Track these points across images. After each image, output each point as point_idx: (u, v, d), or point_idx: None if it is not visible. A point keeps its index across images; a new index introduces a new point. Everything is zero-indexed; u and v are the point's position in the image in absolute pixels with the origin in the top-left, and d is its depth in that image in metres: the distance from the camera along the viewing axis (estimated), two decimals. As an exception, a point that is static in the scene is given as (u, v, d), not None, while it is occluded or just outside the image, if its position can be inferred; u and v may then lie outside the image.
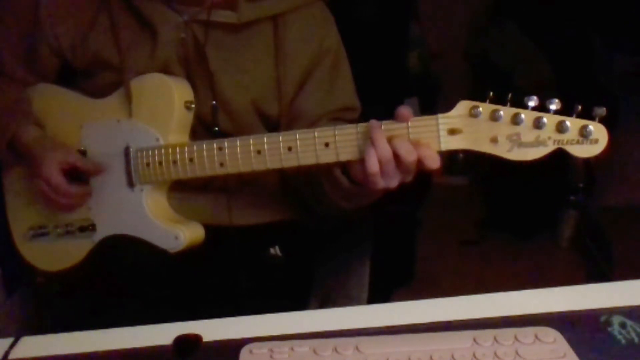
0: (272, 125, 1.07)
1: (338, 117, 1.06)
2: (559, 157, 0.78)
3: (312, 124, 1.03)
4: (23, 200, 1.11)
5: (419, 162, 0.82)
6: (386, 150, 0.82)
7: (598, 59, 2.41)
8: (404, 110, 0.83)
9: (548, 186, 2.36)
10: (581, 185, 2.43)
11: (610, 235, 2.38)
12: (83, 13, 1.06)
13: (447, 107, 0.82)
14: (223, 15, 1.01)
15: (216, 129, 1.04)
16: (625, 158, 2.43)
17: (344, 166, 0.90)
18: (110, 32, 1.04)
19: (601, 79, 2.38)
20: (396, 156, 0.82)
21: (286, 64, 1.04)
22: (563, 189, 2.44)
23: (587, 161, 2.39)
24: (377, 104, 0.95)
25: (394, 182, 0.85)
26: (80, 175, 1.04)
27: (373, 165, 0.82)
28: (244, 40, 1.04)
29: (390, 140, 0.82)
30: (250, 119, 1.07)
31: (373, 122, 0.84)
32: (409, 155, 0.81)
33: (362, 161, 0.84)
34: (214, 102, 1.04)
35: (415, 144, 0.82)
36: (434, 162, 0.82)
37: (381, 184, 0.84)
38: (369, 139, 0.83)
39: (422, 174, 0.84)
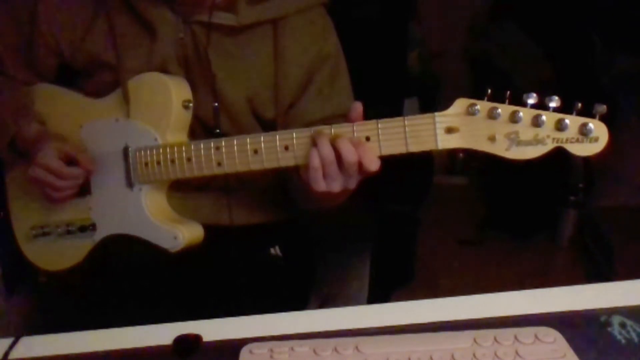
0: (269, 129, 1.07)
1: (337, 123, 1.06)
2: (559, 156, 0.78)
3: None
4: (25, 200, 1.12)
5: (360, 164, 0.84)
6: (330, 153, 0.84)
7: (598, 59, 2.41)
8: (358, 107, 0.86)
9: (548, 186, 2.36)
10: (581, 185, 2.43)
11: (610, 235, 2.38)
12: (81, 13, 1.06)
13: (447, 107, 0.81)
14: (223, 18, 1.01)
15: (217, 130, 1.04)
16: (625, 158, 2.43)
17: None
18: (108, 33, 1.04)
19: (601, 79, 2.38)
20: (338, 156, 0.84)
21: (285, 68, 1.04)
22: (563, 189, 2.44)
23: (587, 161, 2.39)
24: (377, 104, 0.95)
25: (335, 186, 0.86)
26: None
27: (314, 161, 0.85)
28: (244, 43, 1.04)
29: (333, 141, 0.84)
30: (249, 121, 1.07)
31: (318, 128, 0.87)
32: (350, 155, 0.83)
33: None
34: (216, 104, 1.04)
35: (356, 144, 0.84)
36: (372, 164, 0.84)
37: (322, 184, 0.86)
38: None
39: (420, 173, 0.84)
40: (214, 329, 0.80)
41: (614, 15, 2.33)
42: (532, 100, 0.76)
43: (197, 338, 0.79)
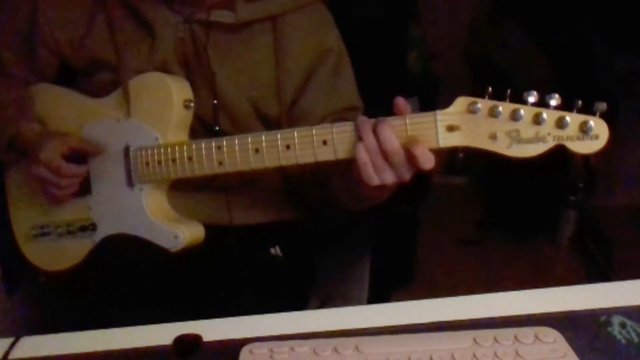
0: (273, 127, 1.07)
1: (341, 118, 1.06)
2: (560, 156, 0.78)
3: (316, 124, 1.02)
4: (25, 199, 1.12)
5: (413, 160, 0.81)
6: (372, 142, 0.81)
7: (598, 59, 2.41)
8: (401, 101, 0.82)
9: (548, 186, 2.36)
10: (581, 185, 2.43)
11: (610, 235, 2.38)
12: (81, 13, 1.06)
13: (448, 106, 0.81)
14: (221, 15, 1.01)
15: (217, 128, 1.04)
16: (625, 158, 2.43)
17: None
18: (107, 32, 1.04)
19: (601, 79, 2.38)
20: (381, 146, 0.81)
21: (285, 65, 1.04)
22: (563, 189, 2.44)
23: (587, 161, 2.39)
24: (377, 104, 0.94)
25: (388, 177, 0.83)
26: (79, 160, 1.04)
27: (361, 156, 0.82)
28: (243, 41, 1.04)
29: (374, 130, 0.82)
30: (250, 120, 1.07)
31: (361, 117, 0.84)
32: (389, 144, 0.80)
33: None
34: (215, 101, 1.04)
35: (411, 142, 0.81)
36: (427, 162, 0.81)
37: (375, 178, 0.83)
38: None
39: (420, 173, 0.84)
40: (214, 329, 0.80)
41: (614, 15, 2.33)
42: (532, 98, 0.76)
43: (197, 338, 0.79)
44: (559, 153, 0.77)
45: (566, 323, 0.77)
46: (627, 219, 2.46)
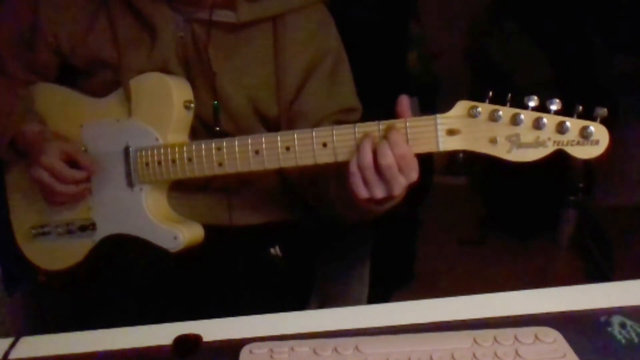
0: (272, 127, 1.07)
1: (340, 119, 1.06)
2: (559, 157, 0.78)
3: (314, 125, 1.02)
4: (25, 199, 1.12)
5: (400, 169, 0.82)
6: (366, 156, 0.82)
7: (598, 59, 2.41)
8: (405, 100, 0.83)
9: (548, 186, 2.36)
10: (581, 185, 2.43)
11: (610, 235, 2.38)
12: (82, 13, 1.06)
13: (447, 107, 0.81)
14: (223, 15, 1.01)
15: (217, 129, 1.04)
16: (625, 158, 2.43)
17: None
18: (109, 32, 1.04)
19: (601, 79, 2.38)
20: (374, 160, 0.82)
21: (285, 65, 1.04)
22: (563, 189, 2.44)
23: (587, 161, 2.38)
24: (377, 104, 0.95)
25: (377, 191, 0.84)
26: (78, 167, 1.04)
27: (352, 166, 0.83)
28: (244, 41, 1.04)
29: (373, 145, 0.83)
30: (250, 120, 1.07)
31: (367, 131, 0.84)
32: (383, 158, 0.81)
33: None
34: (216, 102, 1.04)
35: (392, 145, 0.81)
36: (410, 163, 0.82)
37: (363, 191, 0.84)
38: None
39: (420, 173, 0.84)
40: (214, 329, 0.80)
41: (614, 15, 2.33)
42: (533, 102, 0.76)
43: (197, 338, 0.79)
44: (559, 154, 0.77)
45: (566, 323, 0.77)
46: (627, 219, 2.46)
